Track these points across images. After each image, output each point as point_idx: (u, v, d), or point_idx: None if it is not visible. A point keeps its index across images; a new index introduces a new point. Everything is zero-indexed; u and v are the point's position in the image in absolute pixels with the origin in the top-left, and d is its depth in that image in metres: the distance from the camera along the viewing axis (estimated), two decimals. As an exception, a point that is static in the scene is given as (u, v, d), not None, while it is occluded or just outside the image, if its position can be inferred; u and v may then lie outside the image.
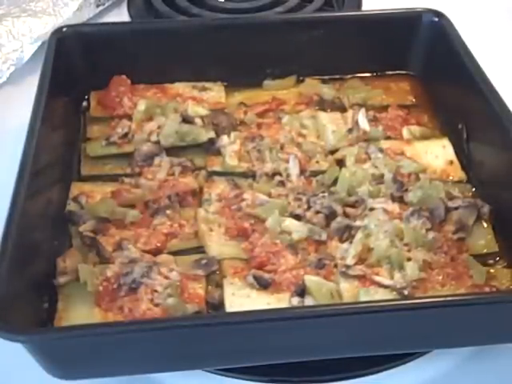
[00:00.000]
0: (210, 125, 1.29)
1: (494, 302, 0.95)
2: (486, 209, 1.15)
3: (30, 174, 1.06)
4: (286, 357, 0.98)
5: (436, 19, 1.36)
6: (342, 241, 1.11)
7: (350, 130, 1.29)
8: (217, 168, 1.24)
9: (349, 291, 1.04)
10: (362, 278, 1.06)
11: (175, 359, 0.96)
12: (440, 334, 0.97)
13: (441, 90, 1.36)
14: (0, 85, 1.48)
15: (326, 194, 1.16)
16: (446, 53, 1.32)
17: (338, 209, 1.14)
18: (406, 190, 1.17)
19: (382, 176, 1.20)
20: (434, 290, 1.05)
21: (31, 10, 1.55)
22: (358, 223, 1.12)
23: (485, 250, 1.12)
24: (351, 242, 1.10)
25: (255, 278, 1.05)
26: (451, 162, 1.25)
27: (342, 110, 1.33)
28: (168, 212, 1.15)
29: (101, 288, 1.03)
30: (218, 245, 1.11)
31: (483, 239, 1.13)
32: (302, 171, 1.22)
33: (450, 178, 1.23)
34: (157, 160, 1.23)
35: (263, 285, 1.05)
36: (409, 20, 1.38)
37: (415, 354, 1.04)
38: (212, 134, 1.27)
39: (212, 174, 1.23)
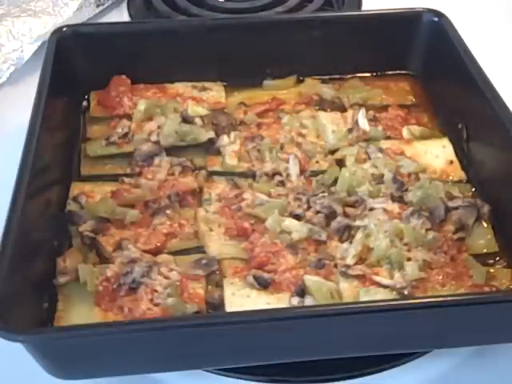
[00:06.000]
0: (210, 125, 1.29)
1: (493, 302, 0.95)
2: (485, 209, 1.15)
3: (30, 174, 1.06)
4: (286, 357, 0.98)
5: (436, 19, 1.36)
6: (341, 241, 1.11)
7: (349, 130, 1.29)
8: (217, 168, 1.24)
9: (349, 291, 1.05)
10: (361, 277, 1.06)
11: (175, 359, 0.96)
12: (440, 333, 0.97)
13: (441, 90, 1.36)
14: (0, 85, 1.48)
15: (325, 194, 1.16)
16: (446, 53, 1.32)
17: (338, 209, 1.14)
18: (406, 190, 1.17)
19: (381, 176, 1.20)
20: (433, 289, 1.05)
21: (31, 10, 1.55)
22: (357, 223, 1.12)
23: (485, 250, 1.12)
24: (351, 242, 1.10)
25: (255, 278, 1.05)
26: (451, 162, 1.25)
27: (342, 109, 1.33)
28: (168, 212, 1.15)
29: (101, 288, 1.04)
30: (218, 245, 1.11)
31: (483, 239, 1.13)
32: (302, 171, 1.22)
33: (450, 177, 1.23)
34: (157, 160, 1.23)
35: (263, 285, 1.05)
36: (409, 20, 1.38)
37: (415, 353, 1.04)
38: (212, 134, 1.27)
39: (212, 174, 1.23)
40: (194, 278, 1.07)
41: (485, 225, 1.15)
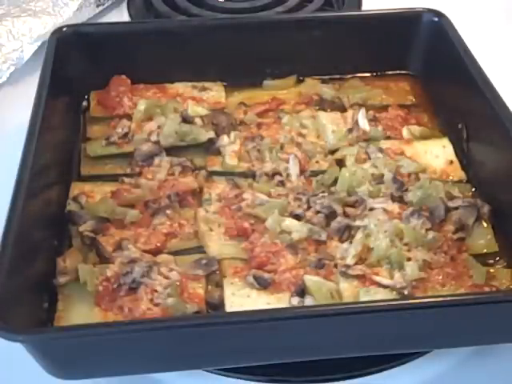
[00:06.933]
0: (210, 125, 1.29)
1: (493, 302, 0.95)
2: (485, 209, 1.15)
3: (30, 174, 1.06)
4: (286, 357, 0.98)
5: (436, 19, 1.36)
6: (341, 241, 1.11)
7: (349, 130, 1.29)
8: (217, 168, 1.24)
9: (349, 291, 1.05)
10: (361, 277, 1.06)
11: (175, 359, 0.96)
12: (440, 333, 0.97)
13: (441, 90, 1.36)
14: (0, 85, 1.48)
15: (325, 194, 1.16)
16: (446, 53, 1.32)
17: (338, 209, 1.14)
18: (406, 190, 1.17)
19: (381, 176, 1.20)
20: (433, 289, 1.05)
21: (31, 10, 1.55)
22: (357, 223, 1.12)
23: (485, 250, 1.12)
24: (351, 242, 1.10)
25: (255, 278, 1.05)
26: (451, 162, 1.25)
27: (342, 109, 1.33)
28: (168, 212, 1.15)
29: (101, 288, 1.04)
30: (218, 245, 1.11)
31: (483, 239, 1.13)
32: (302, 171, 1.22)
33: (450, 177, 1.23)
34: (157, 160, 1.23)
35: (263, 285, 1.05)
36: (409, 20, 1.38)
37: (415, 353, 1.04)
38: (212, 134, 1.27)
39: (212, 174, 1.23)
40: (194, 277, 1.07)
41: (485, 225, 1.15)
